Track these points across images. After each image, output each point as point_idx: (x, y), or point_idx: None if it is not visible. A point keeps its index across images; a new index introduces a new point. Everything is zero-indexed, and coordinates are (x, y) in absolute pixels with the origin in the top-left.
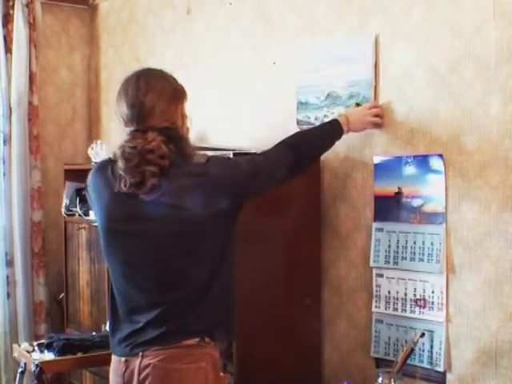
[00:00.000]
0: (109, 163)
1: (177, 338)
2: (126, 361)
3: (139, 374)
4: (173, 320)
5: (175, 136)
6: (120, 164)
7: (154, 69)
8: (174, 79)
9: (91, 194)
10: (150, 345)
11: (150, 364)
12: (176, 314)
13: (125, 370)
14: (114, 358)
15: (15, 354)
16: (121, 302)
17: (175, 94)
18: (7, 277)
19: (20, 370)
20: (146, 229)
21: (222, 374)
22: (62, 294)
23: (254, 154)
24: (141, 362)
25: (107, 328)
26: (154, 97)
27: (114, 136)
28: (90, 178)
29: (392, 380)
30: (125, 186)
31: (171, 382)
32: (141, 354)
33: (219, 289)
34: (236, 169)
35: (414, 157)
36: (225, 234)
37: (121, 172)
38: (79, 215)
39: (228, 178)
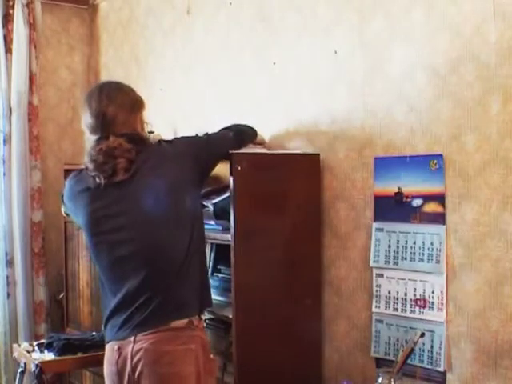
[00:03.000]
0: (82, 171)
1: (165, 317)
2: (118, 348)
3: (132, 359)
4: (159, 298)
5: (136, 138)
6: (90, 167)
7: (113, 82)
8: (133, 90)
9: (69, 202)
10: (141, 326)
11: (141, 348)
12: (160, 291)
13: (118, 358)
14: (107, 347)
15: (15, 354)
16: (111, 292)
17: (134, 104)
18: (7, 277)
19: (20, 369)
20: (125, 207)
21: (211, 356)
22: (62, 294)
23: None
24: (133, 347)
25: None
26: (115, 108)
27: None
28: (66, 187)
29: (392, 380)
30: (99, 179)
31: (162, 364)
32: (133, 339)
33: (196, 260)
34: (194, 142)
35: (414, 157)
36: (194, 201)
37: (92, 174)
38: None
39: (190, 149)
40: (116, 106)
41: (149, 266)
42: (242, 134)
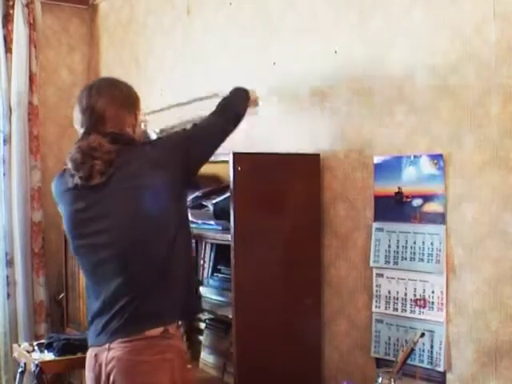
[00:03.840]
0: (65, 170)
1: (140, 325)
2: (95, 355)
3: (106, 366)
4: (135, 304)
5: (121, 138)
6: (69, 166)
7: (107, 78)
8: (127, 87)
9: (56, 201)
10: (117, 334)
11: (114, 357)
12: (138, 296)
13: (94, 364)
14: (88, 353)
15: (15, 354)
16: (94, 295)
17: (125, 99)
18: (7, 277)
19: (20, 369)
20: (104, 210)
21: (189, 366)
22: (62, 294)
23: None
24: (107, 355)
25: None
26: (104, 102)
27: None
28: (53, 187)
29: (392, 380)
30: (78, 179)
31: (136, 374)
32: (108, 346)
33: (178, 266)
34: (180, 142)
35: (414, 157)
36: (177, 205)
37: (72, 172)
38: None
39: (174, 151)
40: (105, 100)
41: (127, 270)
42: (233, 112)
